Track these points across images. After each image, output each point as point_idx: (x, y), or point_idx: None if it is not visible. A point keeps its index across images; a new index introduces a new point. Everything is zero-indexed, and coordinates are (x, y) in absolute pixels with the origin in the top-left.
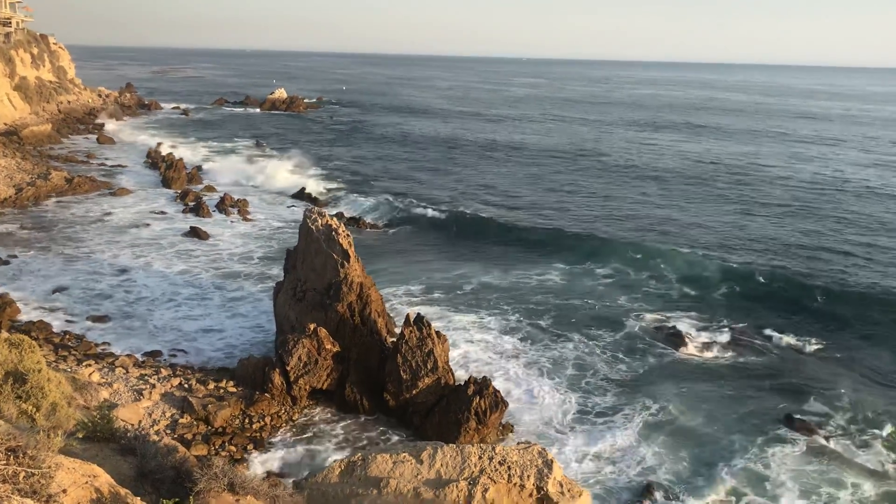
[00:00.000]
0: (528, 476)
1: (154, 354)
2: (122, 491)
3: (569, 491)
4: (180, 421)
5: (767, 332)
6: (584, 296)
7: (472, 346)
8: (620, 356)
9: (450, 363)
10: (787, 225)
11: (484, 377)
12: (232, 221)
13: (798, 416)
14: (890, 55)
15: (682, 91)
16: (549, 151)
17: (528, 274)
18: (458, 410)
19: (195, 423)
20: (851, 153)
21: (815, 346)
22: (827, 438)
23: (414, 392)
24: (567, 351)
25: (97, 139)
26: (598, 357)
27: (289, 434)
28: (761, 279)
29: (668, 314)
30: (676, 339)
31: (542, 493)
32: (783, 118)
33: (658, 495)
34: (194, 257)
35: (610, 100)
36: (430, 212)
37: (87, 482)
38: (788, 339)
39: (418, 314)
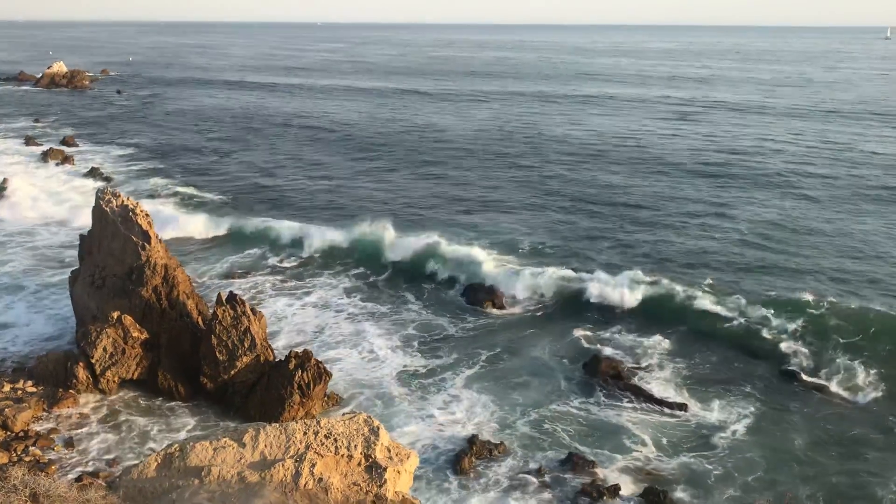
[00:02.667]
0: (356, 446)
1: None
2: None
3: (396, 455)
4: None
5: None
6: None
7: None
8: (445, 315)
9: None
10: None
11: (305, 350)
12: (15, 208)
13: (608, 359)
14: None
15: (481, 52)
16: (345, 125)
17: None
18: (280, 386)
19: None
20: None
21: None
22: (638, 381)
23: (232, 372)
24: (392, 312)
25: None
26: (423, 316)
27: (100, 430)
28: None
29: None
30: (490, 294)
31: (371, 460)
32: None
33: (481, 447)
34: None
35: (409, 66)
36: (220, 192)
37: None
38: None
39: (230, 292)
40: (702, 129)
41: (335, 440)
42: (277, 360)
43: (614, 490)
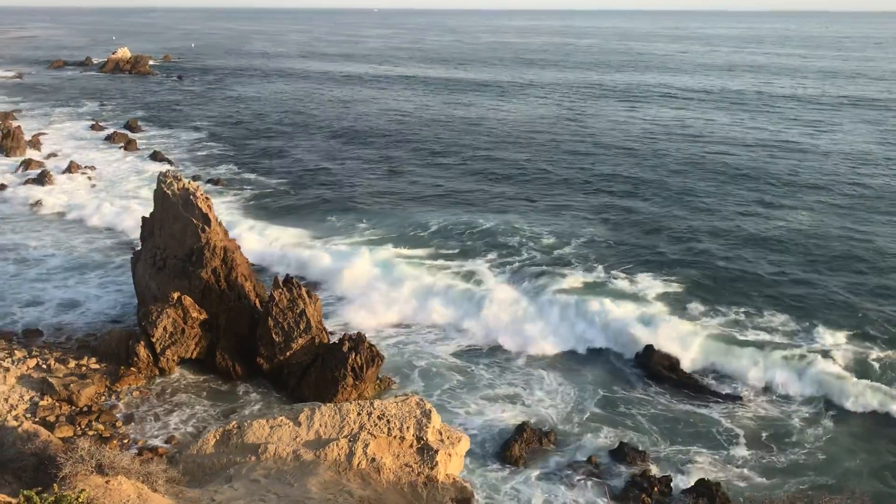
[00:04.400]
0: (408, 427)
1: (5, 336)
2: None
3: (448, 438)
4: (41, 403)
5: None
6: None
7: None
8: (514, 296)
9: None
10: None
11: (358, 333)
12: (80, 189)
13: (661, 351)
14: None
15: (532, 38)
16: (400, 115)
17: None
18: (334, 368)
19: (57, 404)
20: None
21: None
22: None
23: (288, 354)
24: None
25: None
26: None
27: (159, 407)
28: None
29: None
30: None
31: (423, 442)
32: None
33: (532, 434)
34: (43, 229)
35: (463, 54)
36: (277, 173)
37: None
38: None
39: (287, 275)
40: (762, 123)
41: (388, 421)
42: (331, 342)
43: (665, 481)
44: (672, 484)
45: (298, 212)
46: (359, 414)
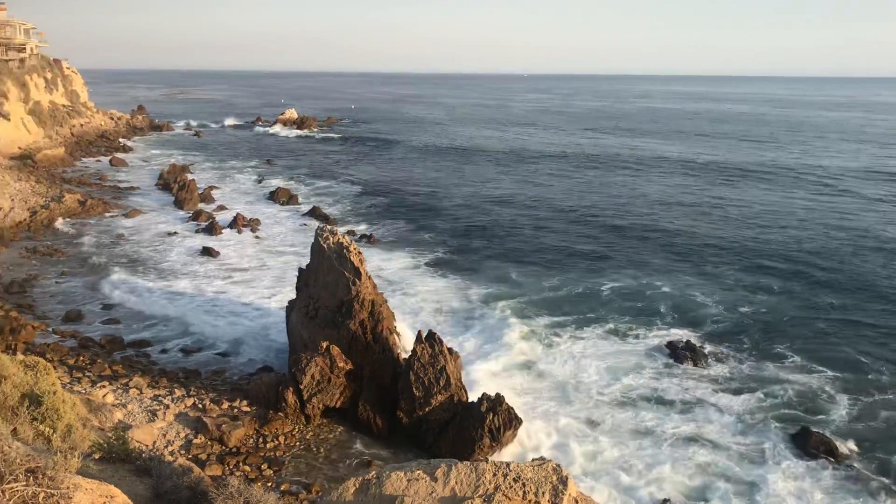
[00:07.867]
0: (543, 493)
1: (168, 375)
2: None
3: None
4: (194, 441)
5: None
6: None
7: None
8: (645, 366)
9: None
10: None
11: (497, 394)
12: (244, 241)
13: (816, 431)
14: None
15: (680, 104)
16: (554, 194)
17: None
18: (471, 428)
19: (209, 443)
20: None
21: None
22: (841, 454)
23: (427, 409)
24: (586, 363)
25: (110, 161)
26: (622, 359)
27: (303, 453)
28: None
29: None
30: (686, 352)
31: None
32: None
33: None
34: (208, 277)
35: (609, 124)
36: (432, 232)
37: (104, 502)
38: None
39: (430, 331)
40: None
41: (524, 484)
42: (470, 401)
43: None
44: None
45: (449, 272)
46: (494, 474)
